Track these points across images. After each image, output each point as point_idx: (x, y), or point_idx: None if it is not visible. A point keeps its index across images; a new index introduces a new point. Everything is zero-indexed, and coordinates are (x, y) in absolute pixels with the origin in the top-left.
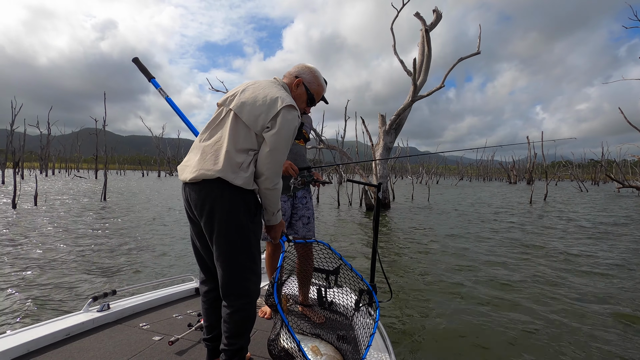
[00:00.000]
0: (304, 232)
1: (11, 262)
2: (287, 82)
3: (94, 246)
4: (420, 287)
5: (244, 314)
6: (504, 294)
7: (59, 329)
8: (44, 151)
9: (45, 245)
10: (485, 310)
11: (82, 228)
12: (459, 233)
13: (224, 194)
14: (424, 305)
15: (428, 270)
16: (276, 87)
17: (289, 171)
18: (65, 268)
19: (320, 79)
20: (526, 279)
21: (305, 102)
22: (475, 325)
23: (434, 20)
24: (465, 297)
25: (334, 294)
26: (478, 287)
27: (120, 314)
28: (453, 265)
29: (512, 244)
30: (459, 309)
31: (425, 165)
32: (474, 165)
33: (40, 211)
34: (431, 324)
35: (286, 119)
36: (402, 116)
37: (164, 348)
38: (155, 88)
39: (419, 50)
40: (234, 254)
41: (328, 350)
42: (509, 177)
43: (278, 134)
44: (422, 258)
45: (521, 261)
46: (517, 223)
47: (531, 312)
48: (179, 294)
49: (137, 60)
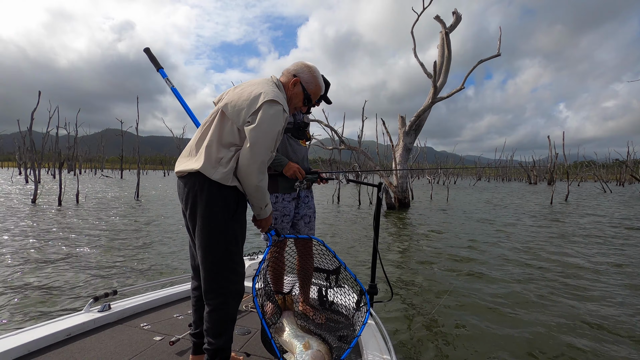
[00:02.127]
0: (305, 230)
1: (51, 257)
2: (283, 81)
3: (128, 243)
4: (425, 287)
5: (221, 314)
6: (512, 300)
7: (60, 329)
8: (71, 151)
9: (88, 242)
10: (490, 315)
11: (120, 226)
12: (476, 235)
13: (204, 188)
14: (427, 307)
15: (437, 271)
16: (266, 84)
17: (296, 175)
18: (95, 265)
19: (318, 79)
20: (539, 285)
21: (302, 101)
22: (479, 328)
23: (454, 22)
24: (472, 301)
25: (334, 294)
26: (485, 289)
27: (121, 314)
28: (463, 268)
29: (530, 248)
30: (464, 312)
31: (442, 165)
32: (492, 165)
33: (84, 208)
34: (433, 324)
35: (267, 113)
36: (422, 117)
37: (164, 348)
38: (162, 77)
39: (439, 52)
40: (211, 250)
41: (318, 347)
42: (529, 177)
43: (258, 128)
44: (433, 259)
45: (537, 269)
46: (537, 225)
47: (537, 319)
48: (179, 294)
49: (148, 50)
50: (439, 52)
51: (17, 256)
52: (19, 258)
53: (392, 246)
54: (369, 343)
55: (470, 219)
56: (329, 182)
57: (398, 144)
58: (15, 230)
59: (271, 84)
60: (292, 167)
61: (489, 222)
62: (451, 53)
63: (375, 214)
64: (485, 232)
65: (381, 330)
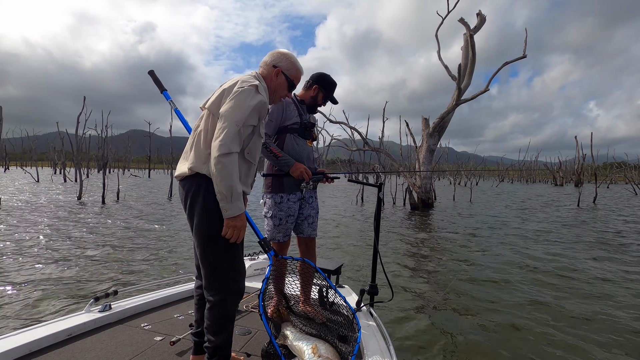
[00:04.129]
0: (309, 231)
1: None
2: (263, 73)
3: (164, 243)
4: (430, 289)
5: (220, 311)
6: (519, 305)
7: (60, 329)
8: (101, 151)
9: (125, 240)
10: (495, 318)
11: (155, 226)
12: (494, 238)
13: (201, 188)
14: (430, 308)
15: (448, 272)
16: (244, 76)
17: (303, 176)
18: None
19: (296, 64)
20: (558, 294)
21: (287, 89)
22: (480, 329)
23: (478, 24)
24: (478, 305)
25: (335, 294)
26: (491, 292)
27: (121, 314)
28: (476, 272)
29: (556, 253)
30: (468, 314)
31: (464, 166)
32: (515, 166)
33: (123, 207)
34: (434, 325)
35: (239, 90)
36: (446, 119)
37: (165, 348)
38: (166, 100)
39: (463, 54)
40: (209, 248)
41: (327, 352)
42: (554, 179)
43: (228, 103)
44: (446, 260)
45: (555, 277)
46: (563, 227)
47: (548, 332)
48: (180, 294)
49: (153, 73)
50: (463, 53)
51: (81, 247)
52: (83, 249)
53: (409, 245)
54: (369, 343)
55: (492, 220)
56: (349, 183)
57: (422, 145)
58: (72, 224)
59: (249, 76)
60: (299, 167)
61: (508, 224)
62: (475, 55)
63: (375, 214)
64: (504, 235)
65: (381, 330)
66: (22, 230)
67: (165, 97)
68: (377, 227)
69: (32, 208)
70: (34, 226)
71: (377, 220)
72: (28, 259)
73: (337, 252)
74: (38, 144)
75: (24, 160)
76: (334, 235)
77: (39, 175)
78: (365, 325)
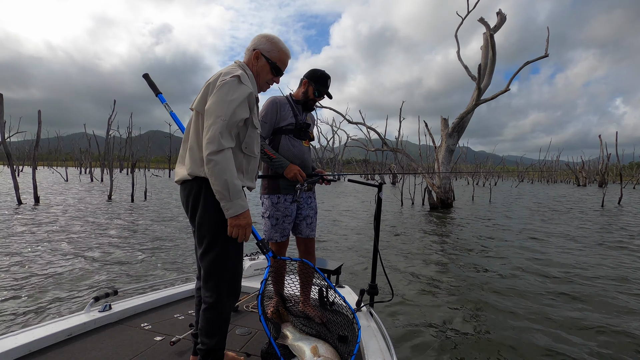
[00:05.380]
0: (307, 232)
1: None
2: (246, 60)
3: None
4: (432, 289)
5: (215, 312)
6: (524, 308)
7: (60, 330)
8: (123, 152)
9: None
10: (496, 319)
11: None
12: (515, 240)
13: (201, 191)
14: (432, 309)
15: (457, 276)
16: (225, 68)
17: (297, 178)
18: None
19: (279, 44)
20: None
21: (270, 72)
22: (481, 330)
23: (498, 23)
24: (480, 306)
25: (335, 294)
26: (499, 297)
27: (121, 314)
28: (487, 272)
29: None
30: (470, 315)
31: (482, 166)
32: (536, 166)
33: (152, 205)
34: (434, 325)
35: (221, 84)
36: (465, 119)
37: (165, 348)
38: (161, 102)
39: (483, 53)
40: (209, 250)
41: (327, 353)
42: (577, 179)
43: (212, 98)
44: (455, 262)
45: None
46: (586, 229)
47: (549, 326)
48: (180, 294)
49: (147, 76)
50: (483, 53)
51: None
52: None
53: (421, 245)
54: (370, 343)
55: (511, 222)
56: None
57: (441, 145)
58: (106, 222)
59: (232, 66)
60: (293, 169)
61: (527, 227)
62: (496, 54)
63: (375, 213)
64: (521, 238)
65: (382, 330)
66: (59, 228)
67: (161, 100)
68: (377, 227)
69: (67, 205)
70: (71, 221)
71: (377, 220)
72: (66, 255)
73: (349, 252)
74: (63, 144)
75: (50, 160)
76: (343, 234)
77: (68, 174)
78: (365, 325)
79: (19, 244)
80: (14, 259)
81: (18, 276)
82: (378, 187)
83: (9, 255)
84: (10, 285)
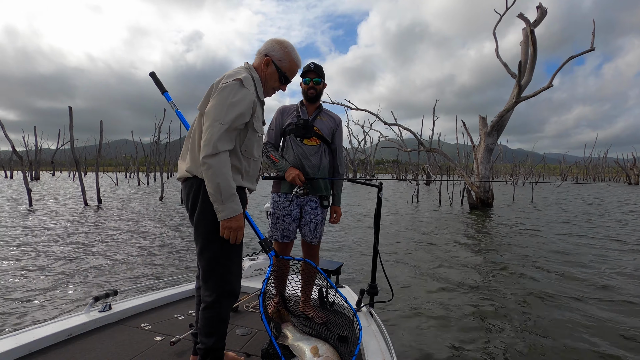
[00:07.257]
0: (310, 237)
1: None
2: (256, 64)
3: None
4: (436, 290)
5: (213, 312)
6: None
7: (60, 330)
8: (161, 157)
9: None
10: (498, 321)
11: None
12: (560, 243)
13: (200, 190)
14: (434, 309)
15: (464, 275)
16: (232, 70)
17: (295, 180)
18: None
19: (292, 54)
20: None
21: (278, 80)
22: (482, 330)
23: (538, 17)
24: (482, 308)
25: (335, 294)
26: (507, 300)
27: (121, 314)
28: (506, 279)
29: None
30: (471, 315)
31: (521, 165)
32: (580, 163)
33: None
34: (435, 326)
35: (222, 87)
36: (504, 117)
37: (165, 348)
38: (167, 101)
39: (522, 49)
40: (206, 249)
41: (327, 353)
42: (627, 177)
43: (213, 100)
44: (465, 261)
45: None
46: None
47: (555, 328)
48: (180, 294)
49: (154, 75)
50: (522, 49)
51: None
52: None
53: (454, 245)
54: (370, 343)
55: (555, 223)
56: (401, 182)
57: (479, 145)
58: (157, 221)
59: (238, 69)
60: (292, 173)
61: (575, 229)
62: (536, 50)
63: (375, 213)
64: (563, 244)
65: (382, 330)
66: (122, 228)
67: (167, 99)
68: (377, 227)
69: (125, 207)
70: (128, 222)
71: (376, 220)
72: (128, 255)
73: (349, 252)
74: (108, 151)
75: (98, 165)
76: (343, 234)
77: (117, 179)
78: (366, 325)
79: (104, 243)
80: (101, 257)
81: (111, 269)
82: (378, 187)
83: (91, 255)
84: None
